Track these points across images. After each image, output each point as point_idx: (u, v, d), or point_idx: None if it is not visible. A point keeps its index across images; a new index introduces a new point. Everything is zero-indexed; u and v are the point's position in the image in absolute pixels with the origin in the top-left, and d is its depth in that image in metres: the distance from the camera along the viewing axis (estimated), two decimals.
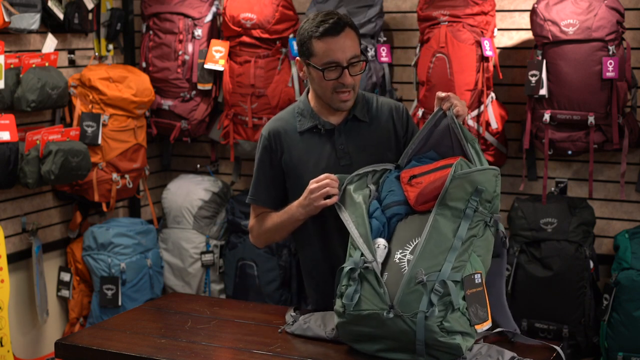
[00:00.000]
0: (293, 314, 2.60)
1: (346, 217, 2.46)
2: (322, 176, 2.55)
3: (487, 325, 2.27)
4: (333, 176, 2.54)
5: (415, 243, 2.32)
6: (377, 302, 2.25)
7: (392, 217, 2.45)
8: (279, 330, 2.52)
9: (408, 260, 2.27)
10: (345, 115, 2.71)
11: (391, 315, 2.21)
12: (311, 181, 2.56)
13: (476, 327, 2.24)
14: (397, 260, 2.30)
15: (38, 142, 3.79)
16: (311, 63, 2.62)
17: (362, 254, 2.33)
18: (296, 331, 2.49)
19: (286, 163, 2.72)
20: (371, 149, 2.70)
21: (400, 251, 2.31)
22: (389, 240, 2.38)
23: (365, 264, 2.30)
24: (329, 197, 2.53)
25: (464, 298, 2.22)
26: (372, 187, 2.54)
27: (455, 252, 2.25)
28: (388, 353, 2.29)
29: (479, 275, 2.25)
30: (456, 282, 2.22)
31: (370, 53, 3.95)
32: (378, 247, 2.35)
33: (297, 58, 2.68)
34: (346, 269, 2.33)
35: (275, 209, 2.76)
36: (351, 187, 2.53)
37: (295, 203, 2.63)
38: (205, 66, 4.27)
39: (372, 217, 2.45)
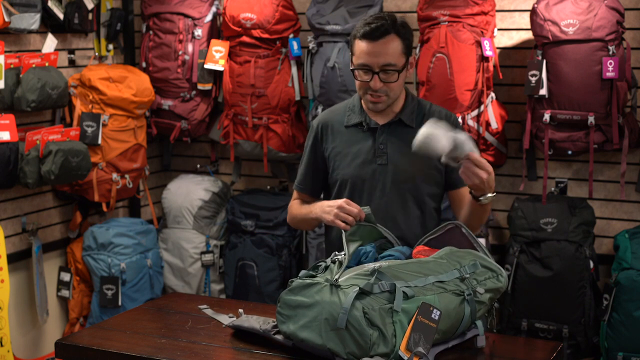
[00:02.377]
0: (241, 310, 2.60)
1: (344, 239, 2.47)
2: (356, 206, 2.56)
3: None
4: (364, 213, 2.55)
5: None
6: (326, 276, 2.24)
7: (385, 257, 2.49)
8: (224, 325, 2.52)
9: (380, 265, 2.27)
10: (391, 117, 2.76)
11: (330, 283, 2.19)
12: (346, 200, 2.58)
13: (403, 351, 2.14)
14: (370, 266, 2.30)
15: (38, 142, 3.78)
16: (352, 60, 2.69)
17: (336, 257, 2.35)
18: (235, 322, 2.48)
19: (328, 154, 2.82)
20: (411, 155, 2.71)
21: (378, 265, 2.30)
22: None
23: (335, 257, 2.32)
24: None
25: (410, 321, 2.15)
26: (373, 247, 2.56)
27: (424, 281, 2.25)
28: (305, 331, 2.20)
29: (438, 313, 2.18)
30: (406, 294, 2.18)
31: None
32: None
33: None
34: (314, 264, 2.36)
35: (317, 197, 2.87)
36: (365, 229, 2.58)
37: (321, 204, 2.67)
38: (205, 66, 4.27)
39: (363, 254, 2.49)
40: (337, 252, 2.37)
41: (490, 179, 2.51)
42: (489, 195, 2.56)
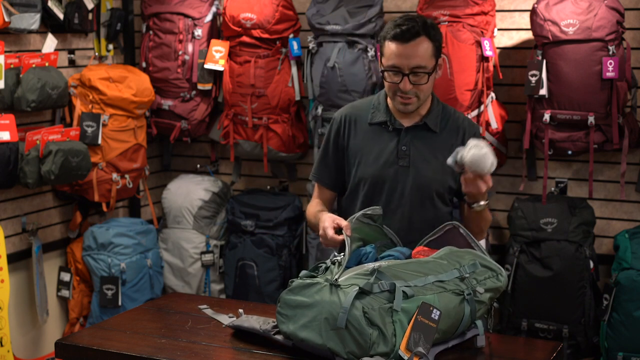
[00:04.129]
0: (241, 310, 2.60)
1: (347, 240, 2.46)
2: (331, 238, 2.52)
3: None
4: (347, 234, 2.48)
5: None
6: (326, 276, 2.25)
7: (385, 257, 2.49)
8: (224, 325, 2.52)
9: (380, 265, 2.27)
10: (417, 120, 2.76)
11: (329, 282, 2.20)
12: (327, 234, 2.53)
13: (404, 351, 2.14)
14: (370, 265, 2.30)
15: (38, 142, 3.79)
16: (382, 62, 2.70)
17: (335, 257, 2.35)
18: (235, 322, 2.49)
19: (349, 149, 2.81)
20: (432, 160, 2.74)
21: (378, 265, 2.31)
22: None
23: (335, 258, 2.32)
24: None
25: (410, 320, 2.16)
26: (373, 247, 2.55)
27: (424, 281, 2.26)
28: (305, 330, 2.20)
29: (438, 312, 2.19)
30: (406, 293, 2.19)
31: (370, 53, 3.95)
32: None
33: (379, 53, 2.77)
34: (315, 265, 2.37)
35: (334, 190, 2.88)
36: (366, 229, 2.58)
37: (324, 220, 2.63)
38: (205, 66, 4.27)
39: (364, 254, 2.49)
40: (336, 253, 2.37)
41: (486, 191, 2.56)
42: (482, 203, 2.61)
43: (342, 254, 2.35)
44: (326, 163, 2.88)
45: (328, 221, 2.55)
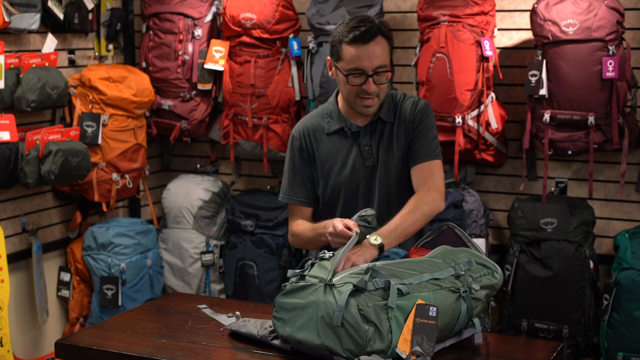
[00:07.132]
0: (238, 313, 2.60)
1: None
2: (341, 231, 2.48)
3: None
4: (356, 232, 2.46)
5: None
6: (320, 274, 2.25)
7: (380, 258, 2.49)
8: (222, 329, 2.52)
9: (374, 264, 2.28)
10: (371, 117, 2.75)
11: (324, 283, 2.20)
12: (337, 228, 2.49)
13: (401, 349, 2.15)
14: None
15: (38, 142, 3.79)
16: (338, 66, 2.66)
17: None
18: (233, 326, 2.48)
19: (317, 160, 2.79)
20: (396, 149, 2.73)
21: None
22: None
23: (323, 255, 2.33)
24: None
25: (406, 318, 2.17)
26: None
27: (419, 278, 2.26)
28: (302, 331, 2.21)
29: (435, 309, 2.19)
30: (401, 291, 2.19)
31: None
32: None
33: (328, 57, 2.72)
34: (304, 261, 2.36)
35: (312, 205, 2.83)
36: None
37: (325, 227, 2.61)
38: (205, 66, 4.27)
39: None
40: (326, 251, 2.37)
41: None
42: (377, 236, 2.49)
43: (331, 252, 2.35)
44: (297, 181, 2.82)
45: (336, 220, 2.54)
